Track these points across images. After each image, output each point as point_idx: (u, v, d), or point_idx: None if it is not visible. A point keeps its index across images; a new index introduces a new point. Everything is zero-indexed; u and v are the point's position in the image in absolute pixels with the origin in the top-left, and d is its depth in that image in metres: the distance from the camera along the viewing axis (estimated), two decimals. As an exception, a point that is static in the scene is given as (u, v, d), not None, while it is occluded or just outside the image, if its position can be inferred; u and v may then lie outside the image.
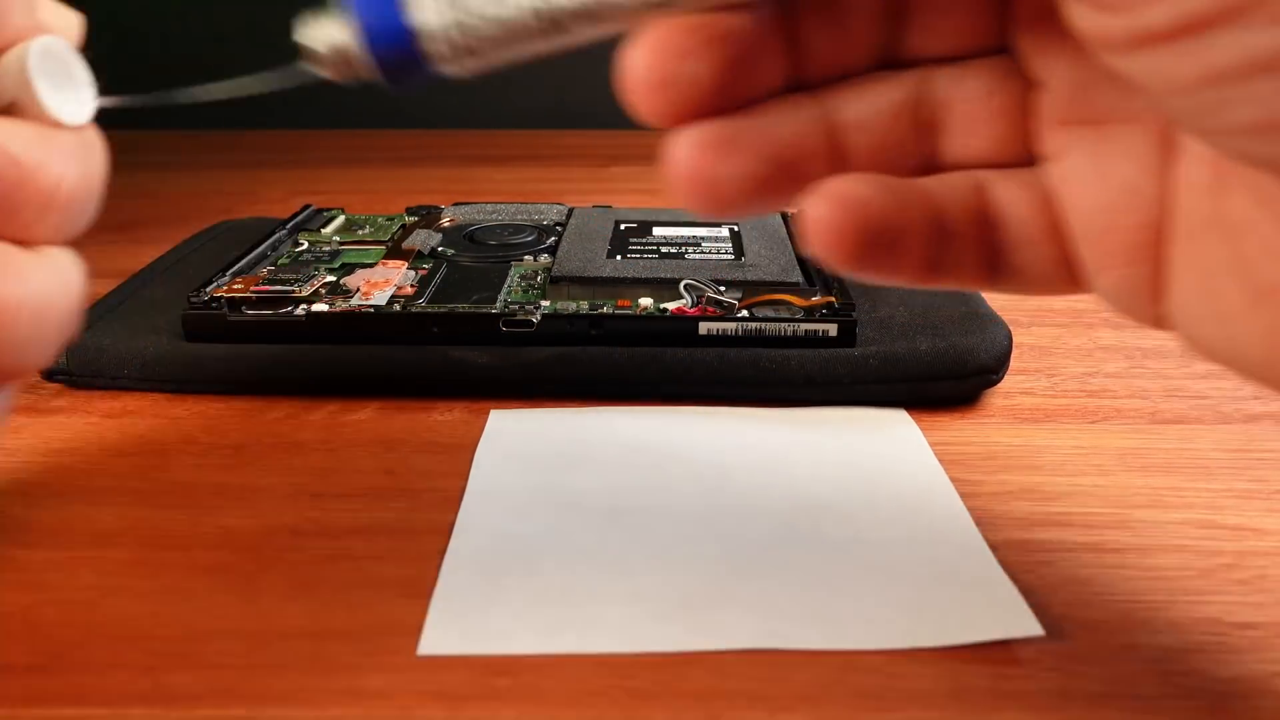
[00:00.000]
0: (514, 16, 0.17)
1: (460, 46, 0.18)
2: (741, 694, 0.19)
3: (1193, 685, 0.19)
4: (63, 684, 0.19)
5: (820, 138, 0.19)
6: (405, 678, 0.19)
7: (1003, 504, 0.25)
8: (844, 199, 0.18)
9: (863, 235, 0.18)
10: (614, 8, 0.17)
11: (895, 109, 0.19)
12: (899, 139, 0.19)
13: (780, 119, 0.18)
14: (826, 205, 0.18)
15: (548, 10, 0.17)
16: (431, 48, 0.18)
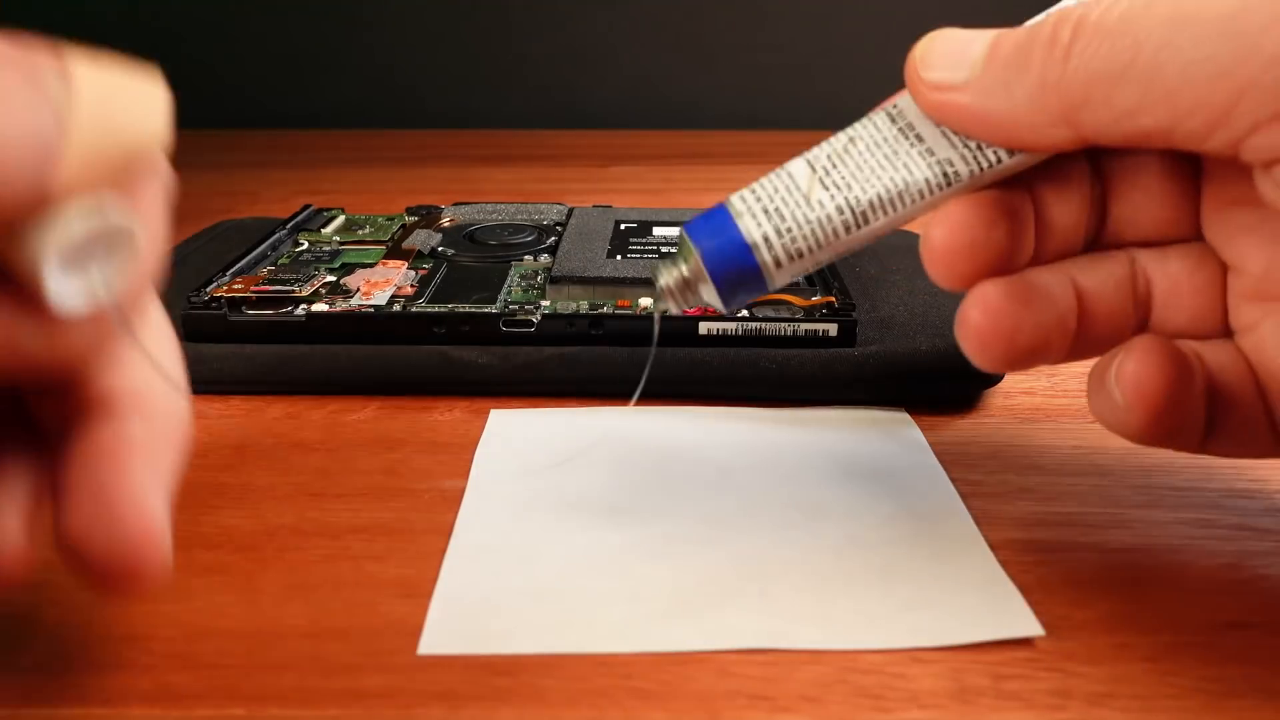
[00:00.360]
0: (823, 217, 0.21)
1: (786, 253, 0.21)
2: (742, 693, 0.19)
3: (1191, 686, 0.19)
4: (62, 684, 0.19)
5: (1075, 300, 0.21)
6: (405, 678, 0.19)
7: (1003, 504, 0.25)
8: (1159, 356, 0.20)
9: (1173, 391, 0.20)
10: (907, 196, 0.21)
11: (1119, 280, 0.22)
12: (1123, 307, 0.22)
13: (1050, 281, 0.21)
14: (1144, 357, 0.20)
15: (849, 207, 0.21)
16: (765, 258, 0.21)
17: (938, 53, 0.20)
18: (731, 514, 0.25)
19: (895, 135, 0.21)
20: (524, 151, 0.70)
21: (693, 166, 0.65)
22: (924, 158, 0.21)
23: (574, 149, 0.70)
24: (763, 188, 0.21)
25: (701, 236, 0.21)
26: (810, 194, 0.21)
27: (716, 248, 0.21)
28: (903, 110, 0.21)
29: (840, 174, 0.21)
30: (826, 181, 0.21)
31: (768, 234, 0.21)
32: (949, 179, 0.21)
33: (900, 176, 0.21)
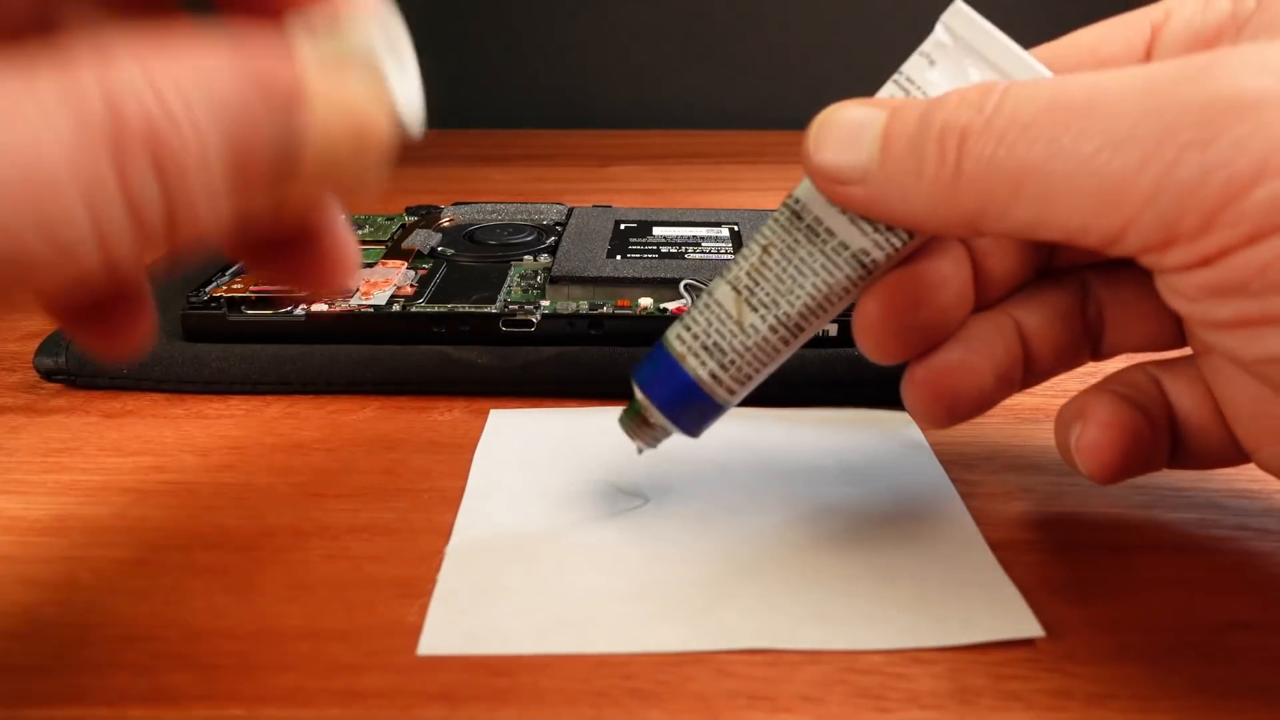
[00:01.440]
0: (760, 341, 0.21)
1: (735, 380, 0.22)
2: (742, 693, 0.19)
3: (1192, 685, 0.19)
4: (62, 684, 0.19)
5: (1019, 347, 0.22)
6: (405, 678, 0.19)
7: (1003, 504, 0.25)
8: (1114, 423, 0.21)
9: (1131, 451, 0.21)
10: (833, 295, 0.21)
11: (1066, 312, 0.22)
12: (1072, 339, 0.22)
13: (989, 338, 0.22)
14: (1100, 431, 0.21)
15: (781, 323, 0.21)
16: (718, 392, 0.22)
17: (831, 137, 0.19)
18: (731, 514, 0.25)
19: (805, 236, 0.21)
20: (524, 151, 0.70)
21: (692, 166, 0.65)
22: (838, 254, 0.20)
23: (574, 149, 0.70)
24: (696, 322, 0.22)
25: (652, 387, 0.22)
26: (742, 320, 0.21)
27: (670, 396, 0.22)
28: (806, 204, 0.21)
29: (764, 292, 0.21)
30: (754, 302, 0.21)
31: (714, 370, 0.21)
32: (868, 267, 0.20)
33: (821, 280, 0.21)
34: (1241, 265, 0.16)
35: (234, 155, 0.13)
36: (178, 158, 0.13)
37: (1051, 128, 0.17)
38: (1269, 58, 0.16)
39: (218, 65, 0.13)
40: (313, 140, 0.14)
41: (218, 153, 0.13)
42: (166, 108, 0.12)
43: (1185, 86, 0.16)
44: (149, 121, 0.12)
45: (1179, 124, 0.16)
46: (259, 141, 0.13)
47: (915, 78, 0.20)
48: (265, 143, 0.14)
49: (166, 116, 0.12)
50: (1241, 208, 0.16)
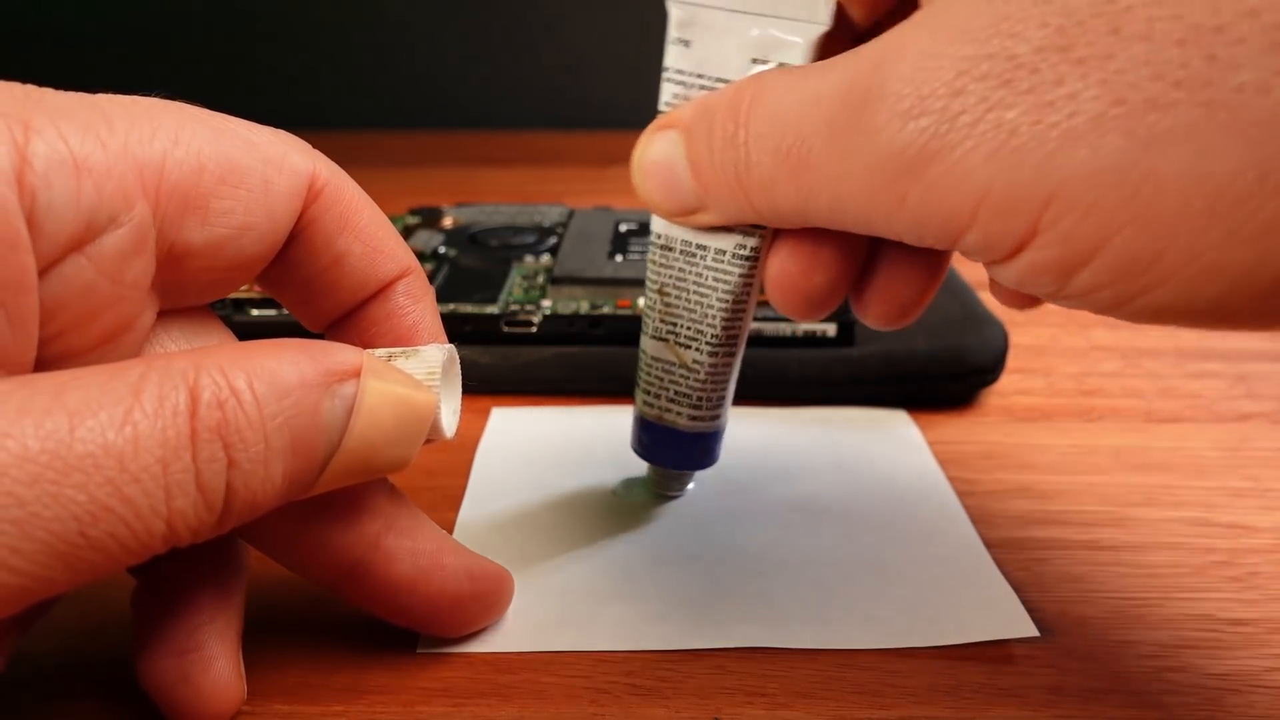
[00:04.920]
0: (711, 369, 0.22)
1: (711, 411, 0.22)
2: (740, 691, 0.19)
3: (1186, 682, 0.19)
4: (64, 682, 0.19)
5: None
6: (407, 675, 0.20)
7: (999, 502, 0.26)
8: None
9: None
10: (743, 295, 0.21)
11: None
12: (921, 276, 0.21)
13: None
14: None
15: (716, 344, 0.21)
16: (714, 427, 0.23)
17: (653, 187, 0.20)
18: (730, 513, 0.25)
19: (684, 261, 0.21)
20: (525, 153, 0.70)
21: (693, 167, 0.65)
22: (719, 260, 0.21)
23: (575, 150, 0.70)
24: (651, 384, 0.22)
25: (655, 455, 0.23)
26: (684, 361, 0.22)
27: (674, 455, 0.23)
28: (667, 234, 0.21)
29: (684, 327, 0.22)
30: (682, 341, 0.22)
31: (690, 414, 0.22)
32: (753, 255, 0.20)
33: (722, 290, 0.21)
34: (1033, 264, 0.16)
35: (290, 427, 0.15)
36: (241, 432, 0.15)
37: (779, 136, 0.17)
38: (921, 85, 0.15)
39: (285, 354, 0.15)
40: (361, 412, 0.16)
41: (275, 424, 0.15)
42: (234, 388, 0.15)
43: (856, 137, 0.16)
44: (220, 400, 0.14)
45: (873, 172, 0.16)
46: (313, 413, 0.15)
47: (683, 67, 0.20)
48: (318, 414, 0.15)
49: (234, 394, 0.15)
50: None
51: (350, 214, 0.19)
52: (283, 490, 0.16)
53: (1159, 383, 0.32)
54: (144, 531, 0.14)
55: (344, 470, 0.16)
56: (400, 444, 0.17)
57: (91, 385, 0.14)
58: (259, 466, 0.15)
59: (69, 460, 0.13)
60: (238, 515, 0.15)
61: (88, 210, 0.15)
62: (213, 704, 0.18)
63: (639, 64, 0.81)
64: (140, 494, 0.14)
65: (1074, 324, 0.37)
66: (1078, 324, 0.37)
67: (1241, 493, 0.26)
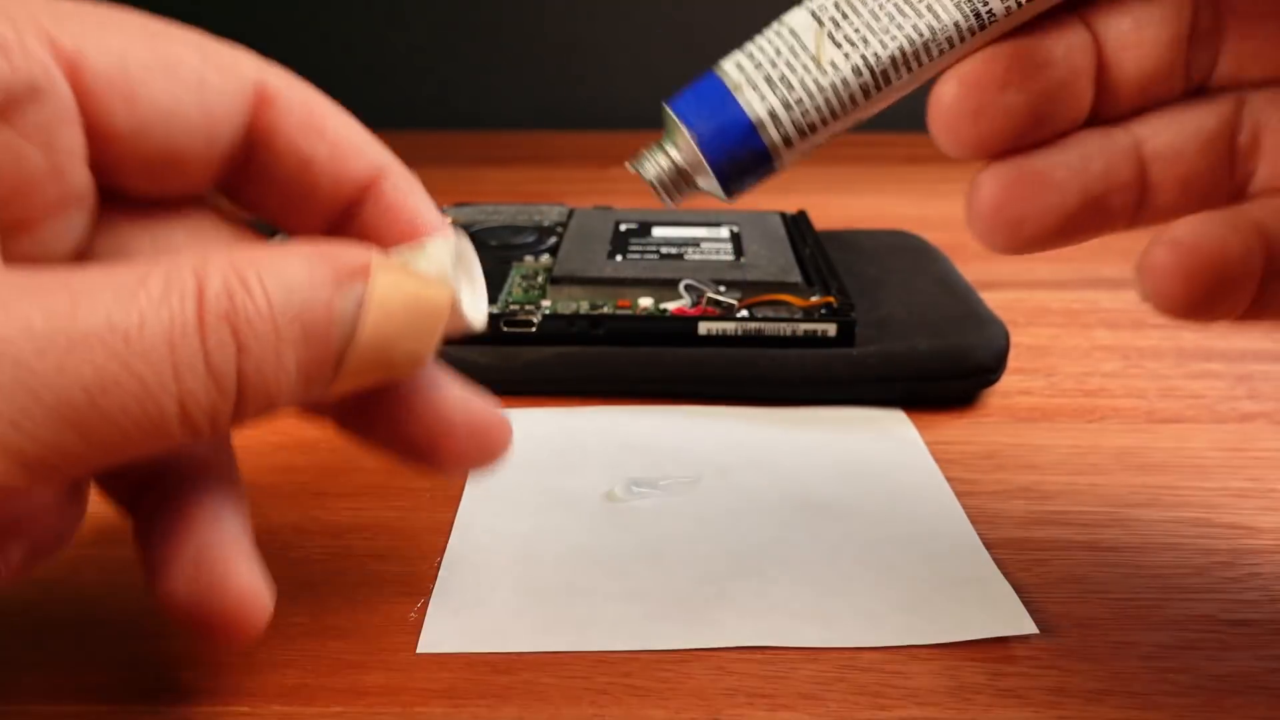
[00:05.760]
0: (838, 82, 0.18)
1: (797, 128, 0.18)
2: (741, 691, 0.19)
3: (1187, 683, 0.19)
4: (68, 681, 0.19)
5: (1130, 170, 0.18)
6: (406, 675, 0.20)
7: (1000, 503, 0.26)
8: (1194, 245, 0.17)
9: (1211, 282, 0.17)
10: (934, 46, 0.17)
11: (1209, 137, 0.18)
12: (1211, 169, 0.18)
13: (1089, 152, 0.18)
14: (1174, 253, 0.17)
15: (868, 65, 0.17)
16: (773, 137, 0.18)
17: None
18: (729, 513, 0.25)
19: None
20: (525, 152, 0.70)
21: (693, 167, 0.65)
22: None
23: (574, 150, 0.70)
24: (761, 50, 0.18)
25: (695, 117, 0.18)
26: (820, 54, 0.18)
27: (715, 130, 0.18)
28: None
29: (853, 25, 0.18)
30: (838, 37, 0.18)
31: (774, 108, 0.18)
32: (982, 19, 0.17)
33: (925, 23, 0.17)
34: None
35: (301, 320, 0.15)
36: (251, 321, 0.15)
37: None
38: None
39: (294, 253, 0.15)
40: (372, 306, 0.16)
41: (286, 318, 0.15)
42: (243, 277, 0.15)
43: None
44: (229, 289, 0.14)
45: None
46: (323, 307, 0.15)
47: None
48: (329, 308, 0.15)
49: (242, 283, 0.15)
50: None
51: (313, 119, 0.19)
52: (299, 382, 0.15)
53: (1160, 383, 0.32)
54: (156, 410, 0.14)
55: (362, 365, 0.16)
56: (416, 338, 0.16)
57: (96, 274, 0.14)
58: (270, 354, 0.15)
59: (73, 335, 0.14)
60: (254, 404, 0.15)
61: (3, 82, 0.15)
62: (241, 611, 0.17)
63: (640, 64, 0.81)
64: (148, 370, 0.14)
65: (1076, 324, 0.37)
66: (1079, 324, 0.37)
67: (1243, 493, 0.26)
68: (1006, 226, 0.17)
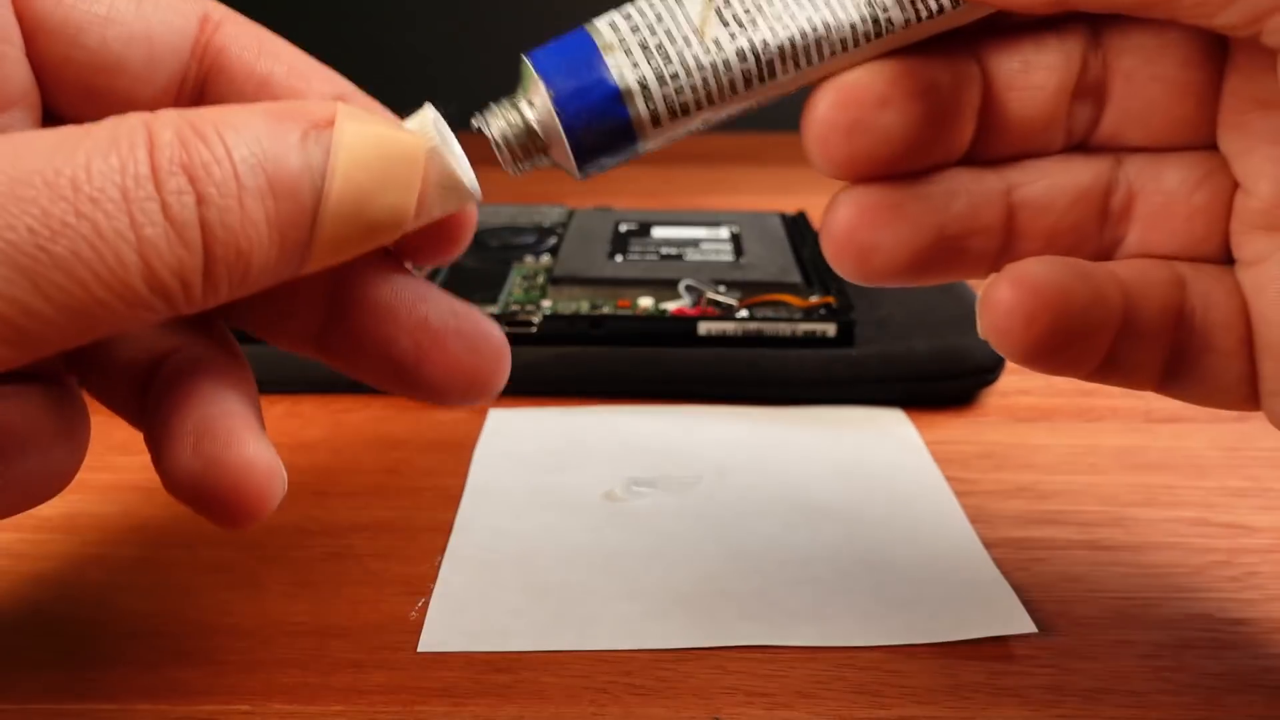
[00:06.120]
0: (719, 63, 0.16)
1: (668, 106, 0.16)
2: (740, 690, 0.19)
3: (1185, 681, 0.19)
4: (70, 679, 0.19)
5: (995, 214, 0.17)
6: (407, 674, 0.20)
7: (998, 502, 0.26)
8: (1037, 284, 0.16)
9: (1054, 326, 0.16)
10: (827, 44, 0.16)
11: (1082, 192, 0.17)
12: (1079, 225, 0.17)
13: (955, 189, 0.17)
14: (1016, 290, 0.16)
15: (754, 52, 0.16)
16: (639, 111, 0.16)
17: None
18: (729, 513, 0.25)
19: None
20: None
21: (693, 168, 0.66)
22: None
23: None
24: (641, 14, 0.16)
25: (555, 74, 0.16)
26: (705, 29, 0.16)
27: (575, 91, 0.16)
28: None
29: (744, 6, 0.16)
30: (726, 15, 0.16)
31: (646, 79, 0.16)
32: (880, 27, 0.16)
33: (821, 18, 0.16)
34: None
35: (265, 169, 0.14)
36: (209, 168, 0.13)
37: None
38: None
39: (252, 108, 0.14)
40: (341, 153, 0.14)
41: (248, 166, 0.14)
42: (197, 128, 0.14)
43: None
44: (182, 139, 0.13)
45: None
46: (286, 155, 0.14)
47: None
48: (294, 158, 0.14)
49: (196, 134, 0.13)
50: None
51: (264, 43, 0.18)
52: (273, 240, 0.14)
53: (1158, 383, 0.32)
54: (115, 261, 0.13)
55: (339, 223, 0.15)
56: (394, 189, 0.15)
57: (38, 131, 0.13)
58: (234, 203, 0.14)
59: (15, 175, 0.13)
60: (226, 264, 0.14)
61: None
62: (248, 482, 0.16)
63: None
64: (100, 215, 0.13)
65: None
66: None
67: (1241, 492, 0.26)
68: (855, 254, 0.17)
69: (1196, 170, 0.17)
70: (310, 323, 0.17)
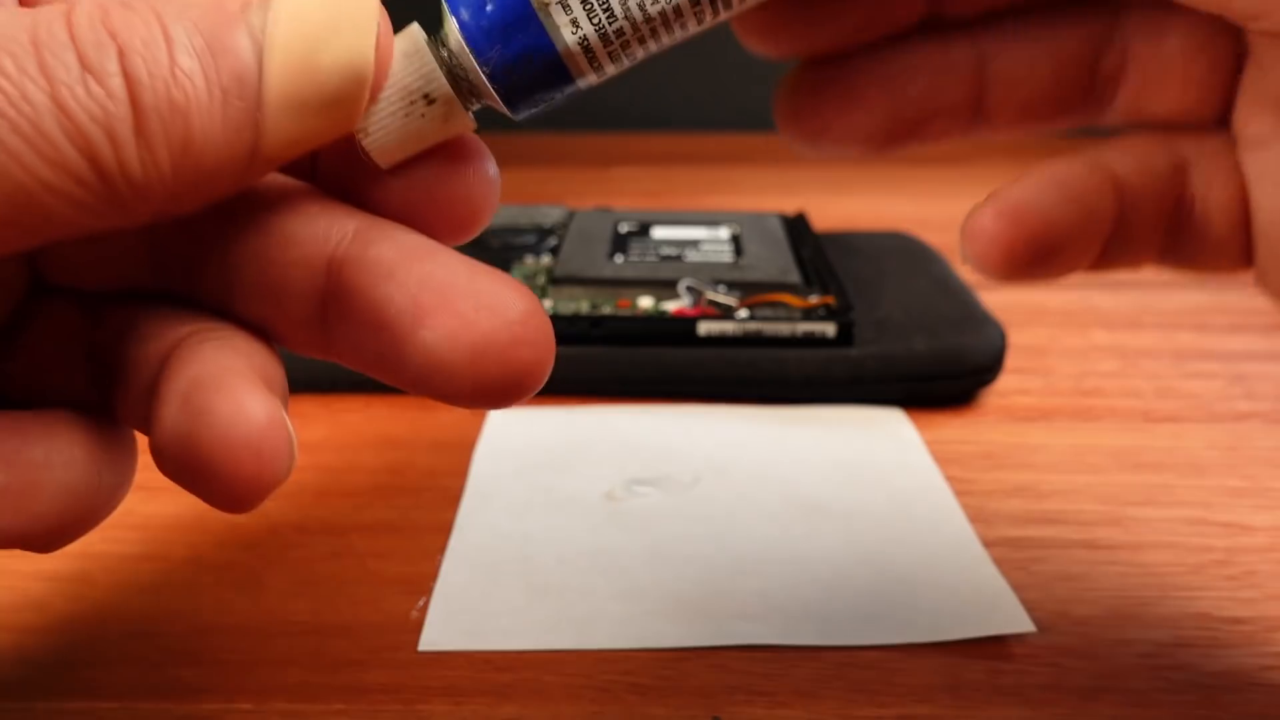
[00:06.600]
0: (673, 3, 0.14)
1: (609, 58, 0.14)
2: (741, 689, 0.19)
3: (1183, 679, 0.20)
4: (73, 678, 0.20)
5: (962, 92, 0.16)
6: (408, 673, 0.20)
7: (997, 502, 0.26)
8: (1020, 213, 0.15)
9: (1037, 254, 0.15)
10: None
11: (1068, 57, 0.16)
12: (1060, 94, 0.16)
13: (915, 65, 0.16)
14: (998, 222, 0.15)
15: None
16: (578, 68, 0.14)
17: None
18: (729, 512, 0.25)
19: None
20: (525, 153, 0.70)
21: (693, 169, 0.66)
22: None
23: (575, 151, 0.70)
24: None
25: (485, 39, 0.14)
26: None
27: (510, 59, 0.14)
28: None
29: None
30: None
31: (587, 38, 0.14)
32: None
33: None
34: None
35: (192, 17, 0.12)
36: (131, 25, 0.12)
37: None
38: None
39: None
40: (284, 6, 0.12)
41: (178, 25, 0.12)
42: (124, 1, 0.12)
43: None
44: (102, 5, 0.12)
45: None
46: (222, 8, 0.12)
47: None
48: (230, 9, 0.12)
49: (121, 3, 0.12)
50: None
51: None
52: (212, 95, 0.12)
53: (1157, 383, 0.32)
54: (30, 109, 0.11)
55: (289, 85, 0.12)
56: (345, 33, 0.13)
57: None
58: (161, 54, 0.12)
59: None
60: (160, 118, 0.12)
61: None
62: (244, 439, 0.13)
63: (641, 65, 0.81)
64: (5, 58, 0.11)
65: (1073, 324, 0.37)
66: (1077, 324, 0.37)
67: (1238, 492, 0.26)
68: (807, 135, 0.16)
69: (1201, 32, 0.15)
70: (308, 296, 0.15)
